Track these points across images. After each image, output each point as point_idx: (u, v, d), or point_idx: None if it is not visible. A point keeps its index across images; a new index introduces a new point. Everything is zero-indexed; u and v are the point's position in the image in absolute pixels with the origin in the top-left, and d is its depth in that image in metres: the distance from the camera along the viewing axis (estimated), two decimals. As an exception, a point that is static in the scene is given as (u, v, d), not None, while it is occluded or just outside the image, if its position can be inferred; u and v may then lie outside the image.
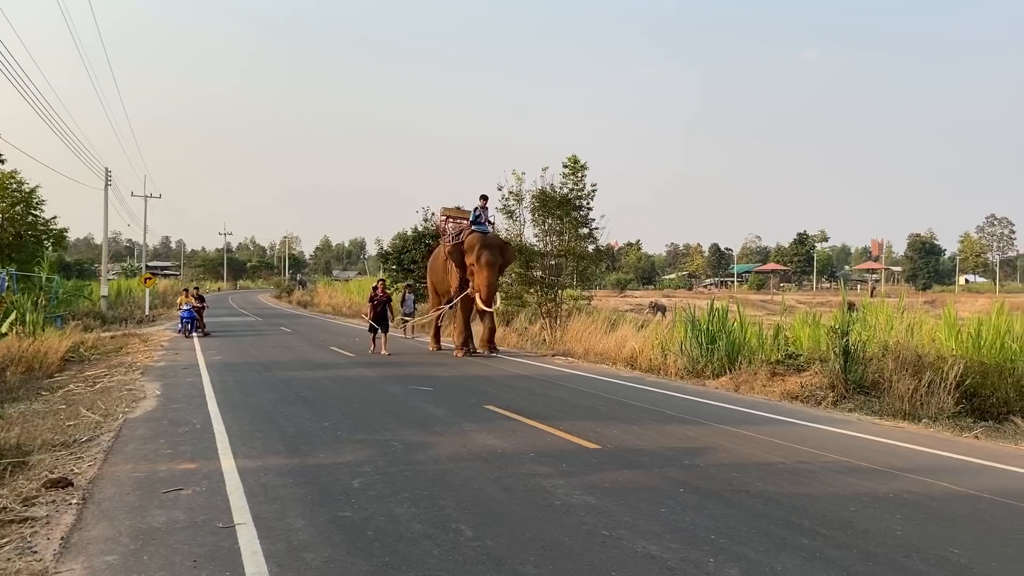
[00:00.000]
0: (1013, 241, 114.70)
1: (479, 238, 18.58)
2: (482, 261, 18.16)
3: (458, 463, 7.27)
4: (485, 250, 18.32)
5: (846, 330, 12.49)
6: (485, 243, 18.50)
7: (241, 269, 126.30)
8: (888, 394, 11.16)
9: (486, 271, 18.15)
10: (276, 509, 5.74)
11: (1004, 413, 10.69)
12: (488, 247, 18.48)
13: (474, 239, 18.60)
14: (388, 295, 20.25)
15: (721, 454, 7.81)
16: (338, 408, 10.60)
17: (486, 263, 18.15)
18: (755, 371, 13.38)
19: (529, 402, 11.18)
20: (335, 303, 49.18)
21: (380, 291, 19.93)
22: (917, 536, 5.19)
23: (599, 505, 5.84)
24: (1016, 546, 5.02)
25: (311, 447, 7.99)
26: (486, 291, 18.14)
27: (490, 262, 18.22)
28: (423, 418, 9.82)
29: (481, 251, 18.27)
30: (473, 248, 18.44)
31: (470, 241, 18.68)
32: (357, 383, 13.44)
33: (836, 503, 6.02)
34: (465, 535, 5.14)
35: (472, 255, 18.43)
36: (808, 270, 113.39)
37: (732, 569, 4.54)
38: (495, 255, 18.53)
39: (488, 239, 18.80)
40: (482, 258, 18.18)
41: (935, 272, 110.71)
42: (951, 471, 7.18)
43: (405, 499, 6.00)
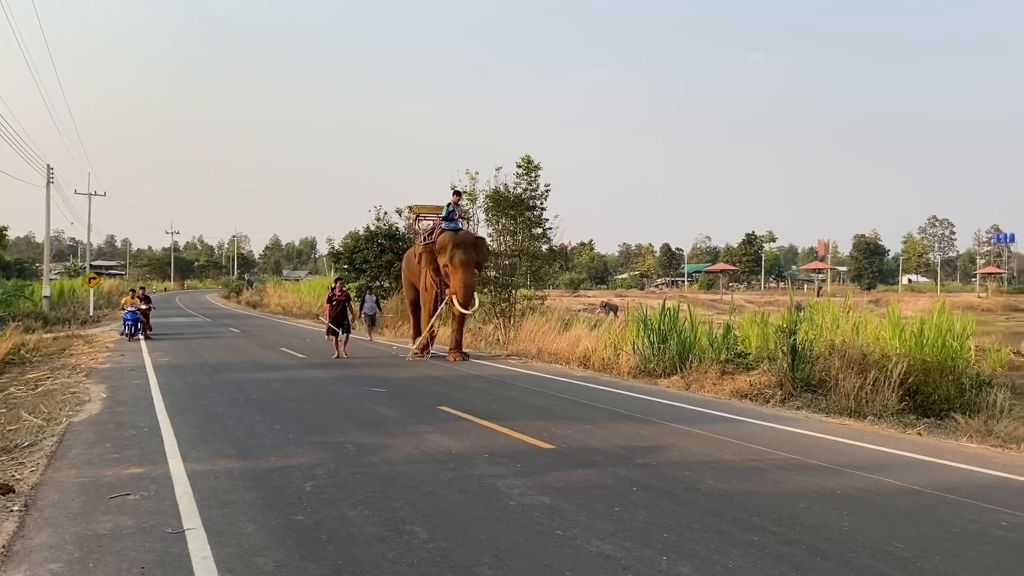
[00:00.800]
0: (953, 242, 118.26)
1: (451, 236, 17.54)
2: (456, 261, 17.18)
3: (412, 465, 7.24)
4: (458, 249, 17.29)
5: (794, 329, 12.73)
6: (458, 242, 17.46)
7: (189, 269, 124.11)
8: (834, 392, 11.40)
9: (461, 271, 17.17)
10: (227, 513, 5.65)
11: (945, 410, 10.99)
12: (461, 245, 17.44)
13: (446, 238, 17.59)
14: (347, 294, 19.60)
15: (673, 453, 7.90)
16: (289, 410, 10.48)
17: (460, 263, 17.17)
18: (705, 370, 13.56)
19: (483, 403, 11.18)
20: (285, 303, 48.62)
21: (338, 290, 19.28)
22: (863, 531, 5.31)
23: (553, 505, 5.87)
24: (957, 539, 5.16)
25: (262, 450, 7.88)
26: (463, 292, 17.14)
27: (464, 261, 17.23)
28: (376, 420, 9.76)
29: (454, 250, 17.26)
30: (446, 247, 17.45)
31: (442, 240, 17.67)
32: (308, 385, 13.31)
33: (785, 500, 6.13)
34: (419, 537, 5.12)
35: (445, 255, 17.43)
36: (756, 270, 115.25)
37: (685, 567, 4.60)
38: (469, 253, 17.52)
39: (460, 237, 17.75)
40: (456, 258, 17.19)
41: (879, 272, 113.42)
42: (895, 467, 7.35)
43: (358, 502, 5.95)
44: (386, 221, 33.15)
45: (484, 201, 23.11)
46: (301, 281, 72.96)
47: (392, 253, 31.51)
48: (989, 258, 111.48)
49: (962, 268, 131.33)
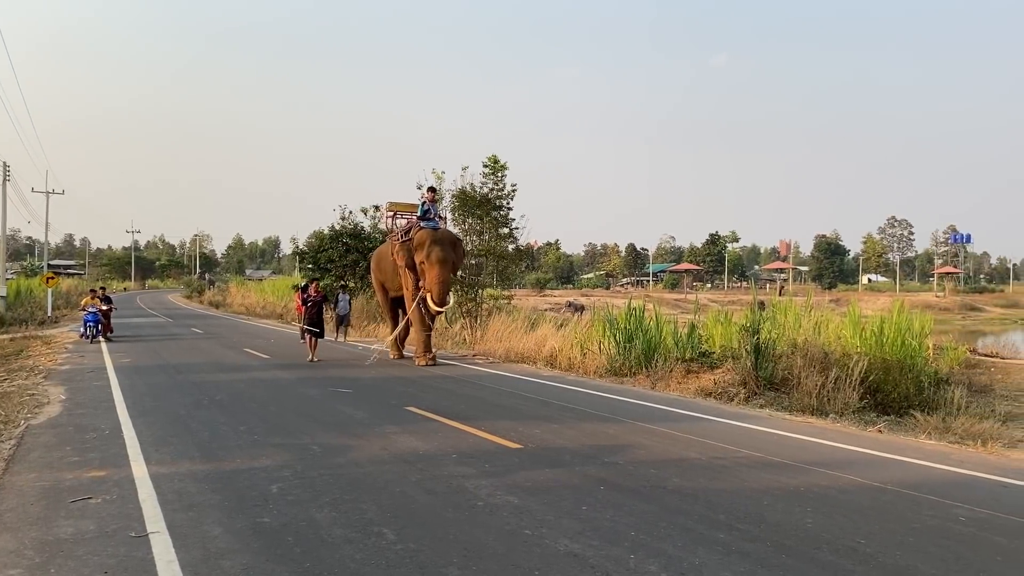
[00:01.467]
0: (912, 242, 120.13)
1: (429, 234, 17.17)
2: (433, 258, 16.84)
3: (379, 466, 7.21)
4: (436, 246, 16.98)
5: (757, 328, 12.87)
6: (435, 239, 17.14)
7: (150, 268, 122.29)
8: (797, 390, 11.56)
9: (437, 268, 16.79)
10: (192, 516, 5.59)
11: (905, 407, 11.20)
12: (439, 243, 17.11)
13: (423, 235, 17.18)
14: (324, 294, 18.92)
15: (639, 451, 7.96)
16: (254, 412, 10.39)
17: (437, 259, 16.82)
18: (671, 369, 13.67)
19: (450, 403, 11.17)
20: (248, 303, 48.10)
21: (314, 291, 18.61)
22: (827, 528, 5.40)
23: (522, 505, 5.88)
24: (917, 534, 5.27)
25: (227, 452, 7.80)
26: (439, 288, 16.73)
27: (442, 258, 16.88)
28: (342, 421, 9.71)
29: (432, 247, 16.94)
30: (423, 245, 17.07)
31: (419, 238, 17.24)
32: (273, 386, 13.19)
33: (750, 497, 6.20)
34: (387, 538, 5.11)
35: (422, 252, 17.05)
36: (720, 269, 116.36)
37: (652, 565, 4.64)
38: (447, 251, 17.17)
39: (439, 235, 17.38)
40: (433, 254, 16.86)
41: (840, 271, 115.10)
42: (857, 464, 7.48)
43: (325, 503, 5.92)
44: (351, 220, 32.96)
45: (450, 201, 23.11)
46: (265, 281, 72.23)
47: (357, 252, 31.33)
48: (946, 258, 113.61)
49: (920, 268, 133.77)
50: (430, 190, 18.22)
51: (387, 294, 19.89)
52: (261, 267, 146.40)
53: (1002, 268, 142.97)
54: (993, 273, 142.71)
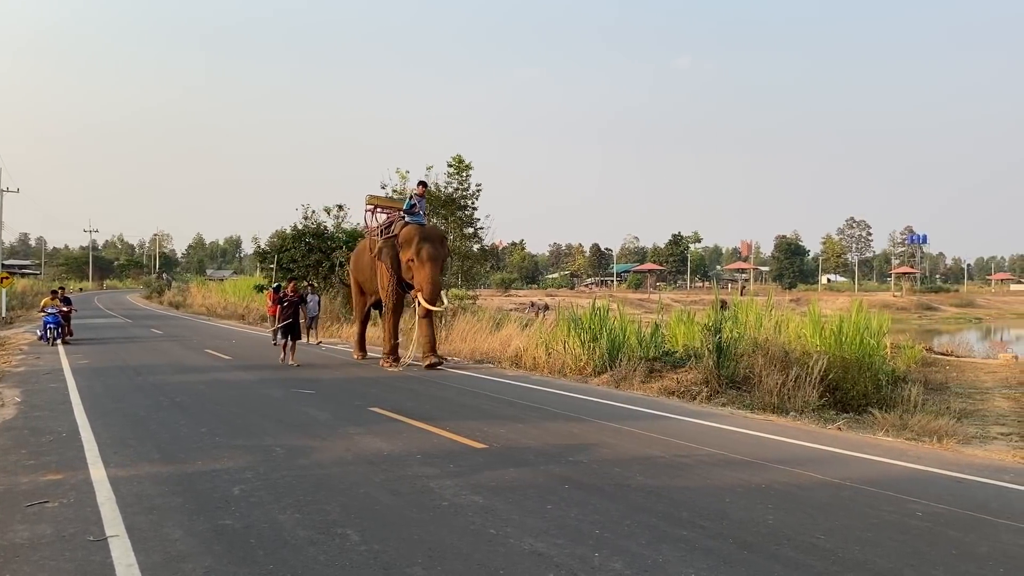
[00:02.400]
0: (870, 242, 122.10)
1: (417, 230, 16.20)
2: (423, 255, 15.91)
3: (343, 467, 7.17)
4: (426, 243, 16.05)
5: (719, 328, 13.02)
6: (425, 235, 16.20)
7: (108, 268, 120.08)
8: (758, 389, 11.71)
9: (429, 265, 15.90)
10: (152, 519, 5.51)
11: (863, 405, 11.41)
12: (429, 240, 16.19)
13: (411, 231, 16.20)
14: (301, 295, 17.97)
15: (604, 450, 8.00)
16: (216, 413, 10.26)
17: (428, 257, 15.92)
18: (634, 368, 13.76)
19: (415, 403, 11.13)
20: (210, 304, 47.46)
21: (291, 291, 17.73)
22: (787, 524, 5.47)
23: (487, 504, 5.88)
24: (875, 530, 5.36)
25: (188, 454, 7.70)
26: (430, 287, 15.83)
27: (432, 255, 15.99)
28: (306, 422, 9.63)
29: (421, 244, 15.99)
30: (411, 241, 16.08)
31: (407, 234, 16.24)
32: (235, 387, 13.04)
33: (712, 495, 6.27)
34: (351, 540, 5.08)
35: (410, 249, 16.05)
36: (683, 270, 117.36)
37: (616, 563, 4.67)
38: (437, 248, 16.29)
39: (427, 231, 16.52)
40: (423, 252, 15.92)
41: (800, 272, 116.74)
42: (817, 461, 7.59)
43: (288, 505, 5.87)
44: (314, 220, 32.68)
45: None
46: (226, 281, 71.34)
47: (320, 252, 31.09)
48: (903, 258, 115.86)
49: (878, 268, 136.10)
50: (421, 184, 17.48)
51: (364, 296, 18.82)
52: (222, 267, 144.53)
53: (957, 268, 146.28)
54: (948, 273, 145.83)
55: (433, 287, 15.93)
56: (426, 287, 15.83)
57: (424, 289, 15.84)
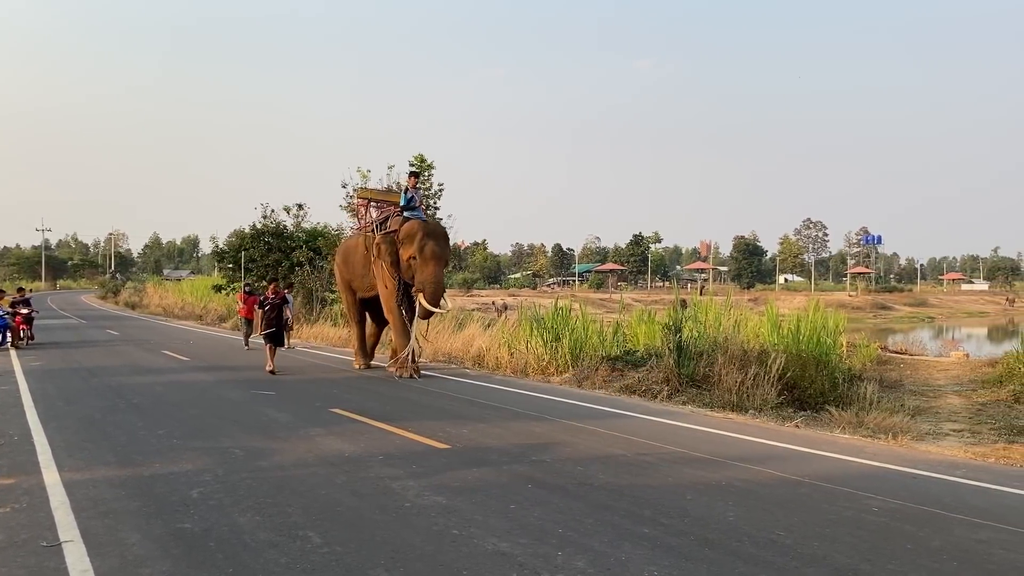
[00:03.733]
0: (826, 243, 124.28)
1: (420, 226, 14.91)
2: (427, 253, 14.62)
3: (304, 469, 7.10)
4: (430, 240, 14.77)
5: (679, 327, 13.12)
6: (428, 231, 14.95)
7: (62, 268, 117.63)
8: (718, 387, 11.83)
9: (432, 264, 14.64)
10: (108, 524, 5.40)
11: (820, 403, 11.58)
12: (432, 236, 14.93)
13: (413, 227, 14.88)
14: (284, 296, 16.33)
15: (566, 449, 8.03)
16: (173, 415, 10.10)
17: (432, 255, 14.65)
18: (596, 367, 13.84)
19: (377, 404, 11.07)
20: (167, 304, 46.78)
21: (272, 292, 15.94)
22: (747, 521, 5.54)
23: (449, 505, 5.87)
24: (833, 526, 5.45)
25: (145, 457, 7.57)
26: (433, 288, 14.60)
27: (436, 253, 14.74)
28: (265, 423, 9.52)
29: (424, 241, 14.68)
30: (413, 238, 14.77)
31: (408, 230, 14.94)
32: (193, 388, 12.85)
33: (674, 492, 6.32)
34: (313, 542, 5.03)
35: (412, 246, 14.73)
36: (644, 269, 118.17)
37: (579, 561, 4.68)
38: (441, 246, 15.07)
39: (430, 227, 15.23)
40: (426, 249, 14.63)
41: (758, 271, 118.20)
42: (776, 458, 7.70)
43: (248, 508, 5.79)
44: (273, 219, 32.33)
45: (376, 200, 22.87)
46: (183, 281, 70.33)
47: (280, 252, 30.78)
48: (859, 258, 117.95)
49: (834, 268, 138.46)
50: (412, 175, 16.13)
51: (355, 295, 17.18)
52: (179, 267, 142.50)
53: (910, 268, 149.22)
54: (902, 273, 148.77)
55: (436, 287, 14.75)
56: (429, 287, 14.61)
57: (427, 289, 14.59)
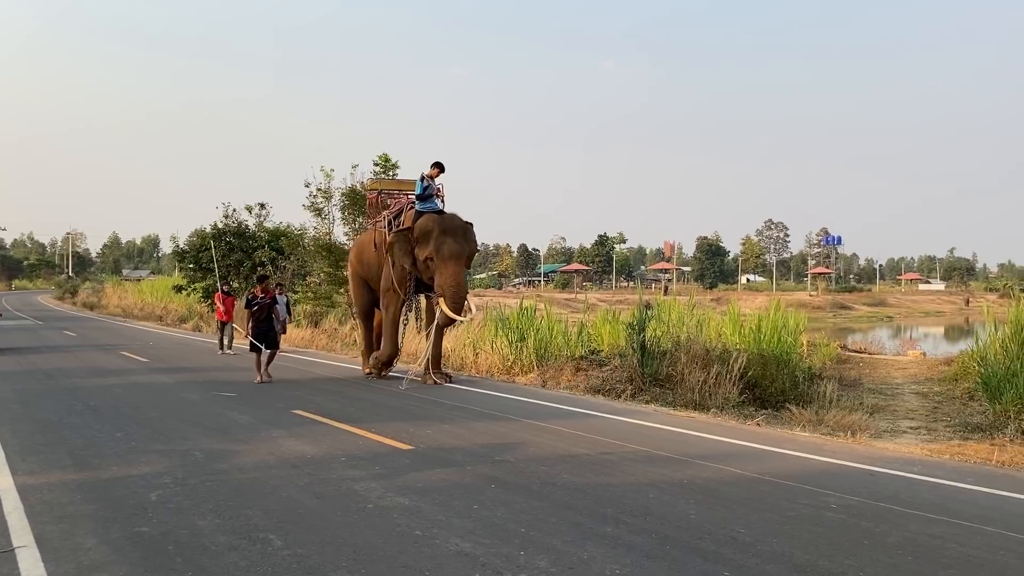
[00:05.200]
0: (787, 243, 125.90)
1: (435, 221, 13.26)
2: (445, 252, 13.03)
3: (265, 471, 7.03)
4: (447, 237, 13.14)
5: (642, 327, 13.22)
6: (445, 227, 13.24)
7: (17, 268, 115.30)
8: (681, 386, 11.93)
9: (452, 265, 13.04)
10: (63, 528, 5.30)
11: (781, 401, 11.75)
12: (450, 232, 13.24)
13: (428, 223, 13.25)
14: (274, 296, 14.66)
15: (530, 448, 8.04)
16: (132, 417, 9.94)
17: (451, 254, 13.07)
18: (561, 367, 13.88)
19: (339, 405, 11.00)
20: (126, 305, 46.11)
21: (262, 291, 14.29)
22: (708, 519, 5.59)
23: (412, 506, 5.85)
24: (792, 523, 5.52)
25: (102, 460, 7.44)
26: (455, 293, 12.98)
27: (456, 252, 13.14)
28: (226, 425, 9.41)
29: (442, 239, 13.09)
30: (429, 235, 13.17)
31: (423, 225, 13.28)
32: (152, 390, 12.67)
33: (636, 491, 6.36)
34: (274, 544, 4.98)
35: (428, 245, 13.14)
36: (608, 270, 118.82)
37: (541, 560, 4.69)
38: (460, 243, 13.34)
39: (448, 222, 13.44)
40: (444, 248, 13.04)
41: (720, 272, 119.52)
42: (737, 456, 7.77)
43: (208, 510, 5.72)
44: (235, 219, 31.99)
45: (340, 199, 22.77)
46: (143, 281, 69.29)
47: (242, 252, 30.47)
48: (819, 259, 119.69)
49: (795, 268, 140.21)
50: (436, 165, 13.83)
51: (370, 294, 15.52)
52: (139, 267, 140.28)
53: (869, 269, 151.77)
54: (861, 273, 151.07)
55: (458, 291, 13.10)
56: (449, 291, 12.97)
57: (447, 294, 12.96)
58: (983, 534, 5.25)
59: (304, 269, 26.43)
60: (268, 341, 13.95)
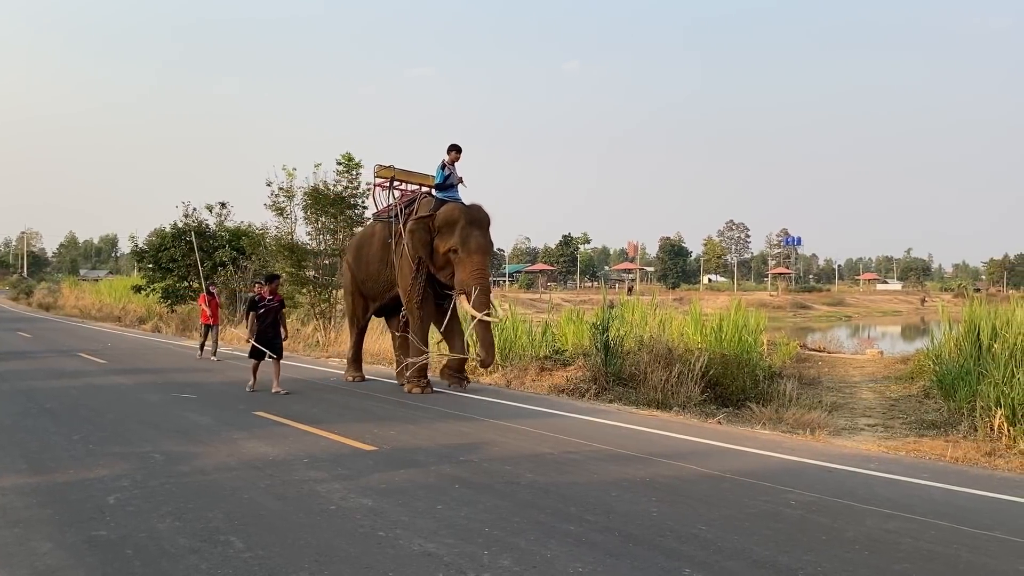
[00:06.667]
0: (748, 244, 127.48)
1: (460, 211, 12.02)
2: (471, 245, 11.81)
3: (226, 473, 6.95)
4: (474, 229, 11.93)
5: (606, 327, 13.30)
6: (471, 218, 12.03)
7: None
8: (644, 385, 12.04)
9: (477, 259, 11.86)
10: (17, 533, 5.19)
11: (742, 400, 11.90)
12: (477, 225, 12.06)
13: (453, 212, 11.99)
14: (282, 299, 13.39)
15: (494, 448, 8.05)
16: (89, 420, 9.77)
17: (477, 248, 11.88)
18: (525, 366, 13.92)
19: (302, 406, 10.91)
20: (83, 305, 45.25)
21: (269, 293, 12.75)
22: (671, 516, 5.64)
23: (376, 507, 5.83)
24: (753, 519, 5.59)
25: (59, 463, 7.30)
26: (481, 289, 11.79)
27: (483, 247, 12.00)
28: (186, 427, 9.29)
29: (468, 230, 11.85)
30: (453, 226, 11.86)
31: (448, 215, 11.97)
32: (111, 392, 12.46)
33: (599, 490, 6.40)
34: (235, 547, 4.93)
35: (453, 237, 11.83)
36: (573, 270, 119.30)
37: (505, 559, 4.70)
38: (487, 236, 12.28)
39: (473, 213, 12.19)
40: (471, 240, 11.82)
41: (683, 272, 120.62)
42: (699, 454, 7.86)
43: (168, 513, 5.64)
44: (195, 218, 31.55)
45: (303, 198, 22.58)
46: (101, 281, 68.08)
47: (202, 251, 30.06)
48: (779, 259, 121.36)
49: (756, 268, 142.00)
50: (454, 149, 12.51)
51: (365, 301, 14.09)
52: (97, 267, 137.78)
53: (828, 269, 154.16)
54: (821, 273, 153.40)
55: (484, 288, 11.91)
56: (474, 287, 11.75)
57: (471, 291, 11.77)
58: (936, 528, 5.37)
59: (265, 269, 26.16)
60: (273, 348, 12.45)
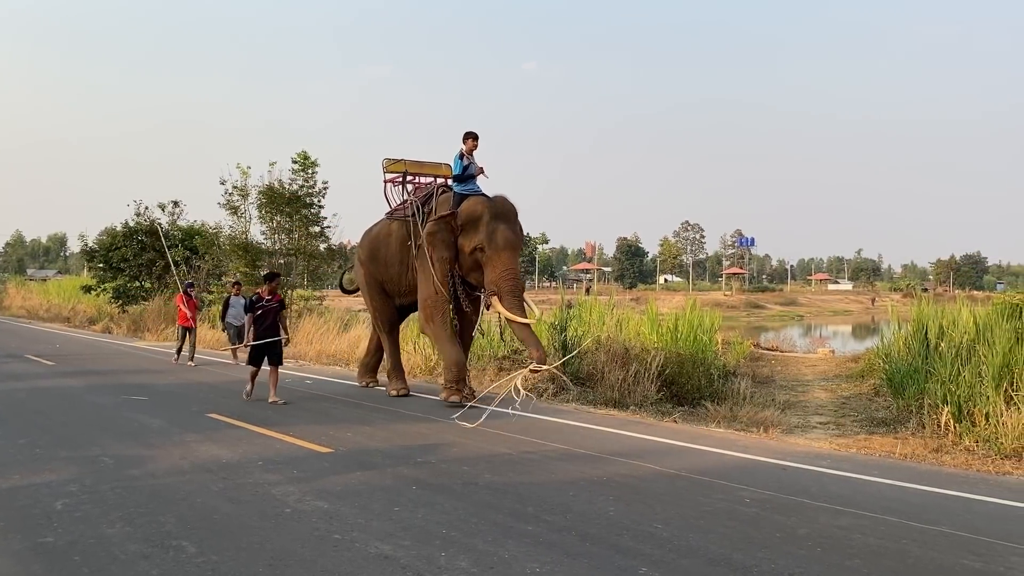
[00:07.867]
0: (703, 245, 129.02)
1: (484, 205, 10.88)
2: (499, 241, 10.68)
3: (178, 476, 6.83)
4: (500, 224, 10.79)
5: (564, 326, 13.34)
6: (497, 212, 10.87)
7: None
8: (601, 384, 12.10)
9: (507, 256, 10.71)
10: (-41, 541, 5.05)
11: (697, 398, 12.03)
12: (503, 219, 10.91)
13: (476, 207, 10.86)
14: (282, 299, 12.29)
15: (453, 449, 8.03)
16: (37, 423, 9.54)
17: (506, 243, 10.73)
18: (484, 367, 13.89)
19: (256, 408, 10.76)
20: (30, 305, 44.14)
21: (267, 292, 11.59)
22: (627, 515, 5.68)
23: (332, 510, 5.77)
24: (708, 517, 5.65)
25: (4, 468, 7.10)
26: (512, 287, 10.61)
27: (512, 242, 10.85)
28: (137, 430, 9.11)
29: (494, 225, 10.73)
30: (478, 222, 10.78)
31: (471, 211, 10.88)
32: (59, 394, 12.17)
33: (557, 489, 6.41)
34: (187, 552, 4.85)
35: (478, 233, 10.75)
36: (531, 270, 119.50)
37: (462, 561, 4.69)
38: (516, 230, 11.13)
39: (499, 205, 11.01)
40: (498, 236, 10.68)
41: (640, 272, 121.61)
42: (655, 453, 7.92)
43: (118, 518, 5.53)
44: (147, 217, 30.97)
45: (257, 197, 22.32)
46: (49, 281, 66.50)
47: (154, 251, 29.54)
48: (733, 260, 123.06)
49: (711, 269, 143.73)
50: (470, 136, 11.19)
51: (390, 300, 12.97)
52: (45, 266, 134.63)
53: (781, 269, 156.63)
54: (774, 274, 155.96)
55: (517, 286, 10.76)
56: (505, 287, 10.58)
57: (503, 290, 10.57)
58: (886, 524, 5.48)
59: (219, 269, 25.80)
60: (272, 354, 11.51)
